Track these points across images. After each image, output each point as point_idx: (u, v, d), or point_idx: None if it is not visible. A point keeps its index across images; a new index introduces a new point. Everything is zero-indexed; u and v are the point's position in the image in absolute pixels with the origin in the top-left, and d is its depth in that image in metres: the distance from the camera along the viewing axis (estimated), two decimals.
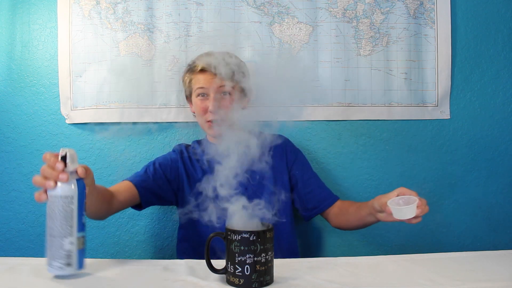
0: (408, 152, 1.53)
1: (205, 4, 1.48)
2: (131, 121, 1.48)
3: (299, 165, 1.34)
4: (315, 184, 1.33)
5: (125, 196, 1.17)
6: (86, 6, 1.47)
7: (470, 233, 1.54)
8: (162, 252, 1.50)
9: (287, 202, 1.31)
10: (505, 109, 1.54)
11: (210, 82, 1.25)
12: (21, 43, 1.50)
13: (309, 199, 1.31)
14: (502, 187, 1.54)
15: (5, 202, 1.49)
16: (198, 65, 1.27)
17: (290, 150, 1.35)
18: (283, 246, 1.25)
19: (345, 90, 1.50)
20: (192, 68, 1.29)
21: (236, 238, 0.78)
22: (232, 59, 1.29)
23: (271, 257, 0.81)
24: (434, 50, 1.51)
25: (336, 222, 1.29)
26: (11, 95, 1.50)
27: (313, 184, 1.32)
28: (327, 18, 1.49)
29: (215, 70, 1.24)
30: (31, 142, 1.49)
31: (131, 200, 1.20)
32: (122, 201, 1.15)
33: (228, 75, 1.25)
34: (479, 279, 0.83)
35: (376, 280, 0.84)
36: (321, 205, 1.30)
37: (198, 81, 1.27)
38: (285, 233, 1.27)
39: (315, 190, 1.31)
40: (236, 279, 0.78)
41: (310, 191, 1.31)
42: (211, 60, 1.25)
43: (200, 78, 1.27)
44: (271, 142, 1.32)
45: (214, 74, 1.24)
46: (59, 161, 0.81)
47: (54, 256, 0.81)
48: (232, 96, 1.27)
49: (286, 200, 1.30)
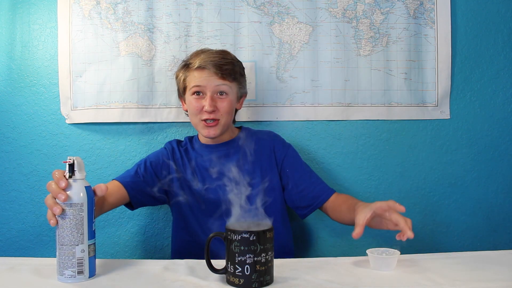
0: (408, 152, 1.53)
1: (205, 4, 1.48)
2: (131, 121, 1.48)
3: (289, 162, 1.30)
4: (307, 181, 1.28)
5: (115, 198, 1.16)
6: (86, 6, 1.47)
7: (470, 233, 1.54)
8: (162, 252, 1.50)
9: (278, 202, 1.28)
10: (505, 109, 1.54)
11: (207, 80, 1.22)
12: (21, 43, 1.50)
13: (302, 198, 1.28)
14: (502, 187, 1.54)
15: (5, 202, 1.49)
16: (195, 62, 1.23)
17: (279, 148, 1.31)
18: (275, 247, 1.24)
19: (345, 90, 1.50)
20: (188, 65, 1.26)
21: (236, 238, 0.78)
22: (230, 58, 1.27)
23: (271, 257, 0.81)
24: (434, 50, 1.51)
25: (333, 217, 1.26)
26: (11, 95, 1.50)
27: (304, 182, 1.28)
28: (327, 18, 1.49)
29: (213, 68, 1.21)
30: (31, 142, 1.49)
31: (121, 201, 1.19)
32: (112, 203, 1.15)
33: (226, 74, 1.22)
34: (479, 279, 0.83)
35: (376, 280, 0.84)
36: (314, 202, 1.27)
37: (194, 79, 1.23)
38: (276, 234, 1.26)
39: (308, 188, 1.27)
40: (236, 279, 0.78)
41: (302, 189, 1.27)
42: (209, 58, 1.22)
43: (196, 76, 1.23)
44: (258, 139, 1.31)
45: (212, 72, 1.21)
46: (63, 178, 0.81)
47: (65, 265, 0.81)
48: (229, 96, 1.24)
49: (276, 200, 1.27)
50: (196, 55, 1.26)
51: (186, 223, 1.27)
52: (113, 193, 1.15)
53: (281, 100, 1.50)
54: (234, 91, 1.27)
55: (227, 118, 1.25)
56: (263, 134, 1.35)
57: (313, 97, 1.50)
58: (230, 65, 1.24)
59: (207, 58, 1.22)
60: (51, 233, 1.49)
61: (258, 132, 1.37)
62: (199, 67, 1.22)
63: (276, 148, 1.31)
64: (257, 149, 1.28)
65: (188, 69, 1.26)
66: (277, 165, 1.30)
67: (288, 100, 1.50)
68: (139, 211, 1.49)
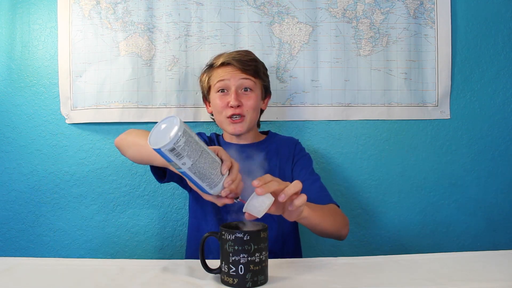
0: (408, 152, 1.53)
1: (205, 4, 1.48)
2: (131, 121, 1.48)
3: (298, 167, 1.28)
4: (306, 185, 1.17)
5: None
6: (86, 6, 1.47)
7: (470, 233, 1.54)
8: (162, 252, 1.50)
9: None
10: (505, 109, 1.54)
11: (231, 74, 1.21)
12: (21, 43, 1.50)
13: None
14: (502, 187, 1.54)
15: (5, 202, 1.49)
16: (218, 60, 1.23)
17: (297, 153, 1.30)
18: (289, 248, 1.23)
19: (345, 90, 1.50)
20: (212, 65, 1.26)
21: (230, 238, 0.78)
22: (253, 56, 1.27)
23: (265, 257, 0.81)
24: (434, 50, 1.51)
25: None
26: (11, 95, 1.50)
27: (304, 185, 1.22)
28: (327, 18, 1.49)
29: (237, 63, 1.20)
30: (31, 142, 1.49)
31: None
32: None
33: (250, 70, 1.22)
34: (479, 279, 0.83)
35: (376, 280, 0.84)
36: None
37: (218, 75, 1.22)
38: (292, 234, 1.25)
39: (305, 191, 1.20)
40: (230, 279, 0.78)
41: None
42: (232, 55, 1.22)
43: (220, 72, 1.22)
44: (280, 145, 1.30)
45: (236, 68, 1.20)
46: None
47: None
48: (254, 92, 1.23)
49: None
50: (218, 56, 1.26)
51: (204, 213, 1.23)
52: None
53: (281, 100, 1.50)
54: (259, 88, 1.25)
55: (252, 114, 1.23)
56: (286, 140, 1.33)
57: (313, 97, 1.50)
58: (253, 62, 1.24)
59: (230, 56, 1.23)
60: (51, 233, 1.49)
61: (282, 138, 1.35)
62: (223, 64, 1.22)
63: (295, 152, 1.29)
64: (277, 155, 1.27)
65: (211, 68, 1.26)
66: (292, 169, 1.28)
67: (288, 100, 1.50)
68: (139, 211, 1.49)
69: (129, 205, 1.50)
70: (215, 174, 0.80)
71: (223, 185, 0.81)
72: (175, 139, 0.71)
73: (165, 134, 0.73)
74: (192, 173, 0.77)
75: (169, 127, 0.74)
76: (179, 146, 0.72)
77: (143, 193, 1.50)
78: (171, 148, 0.72)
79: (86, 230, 1.49)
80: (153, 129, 0.76)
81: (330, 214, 1.09)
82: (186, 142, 0.73)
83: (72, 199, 1.49)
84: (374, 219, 1.53)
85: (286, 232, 1.22)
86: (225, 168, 0.81)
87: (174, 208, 1.50)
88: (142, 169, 1.49)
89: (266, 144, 1.29)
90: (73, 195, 1.49)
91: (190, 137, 0.74)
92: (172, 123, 0.73)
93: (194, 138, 0.75)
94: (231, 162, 0.83)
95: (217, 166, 0.80)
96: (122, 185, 1.50)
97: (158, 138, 0.73)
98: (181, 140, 0.72)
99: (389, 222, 1.53)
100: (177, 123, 0.72)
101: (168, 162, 0.76)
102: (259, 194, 0.79)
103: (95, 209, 1.49)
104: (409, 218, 1.53)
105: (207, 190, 0.82)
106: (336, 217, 1.10)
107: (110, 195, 1.49)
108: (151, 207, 1.49)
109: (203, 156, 0.77)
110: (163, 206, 1.50)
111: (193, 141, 0.74)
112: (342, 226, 1.10)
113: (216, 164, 0.80)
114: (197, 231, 1.24)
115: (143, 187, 1.50)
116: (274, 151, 1.27)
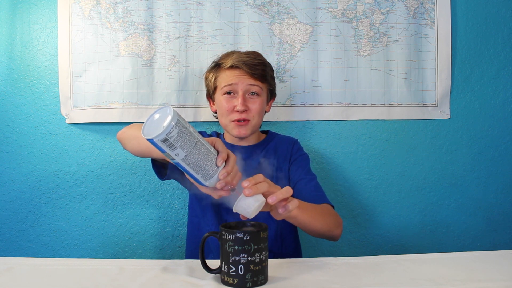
0: (408, 152, 1.53)
1: (205, 4, 1.48)
2: (131, 121, 1.48)
3: (295, 166, 1.27)
4: (302, 184, 1.20)
5: None
6: (86, 6, 1.47)
7: (470, 233, 1.54)
8: (162, 252, 1.50)
9: None
10: (505, 109, 1.54)
11: (239, 78, 1.20)
12: (21, 43, 1.50)
13: None
14: (502, 187, 1.54)
15: (5, 202, 1.49)
16: (227, 62, 1.21)
17: (294, 152, 1.30)
18: (288, 248, 1.23)
19: (345, 90, 1.50)
20: (219, 65, 1.24)
21: (230, 238, 0.78)
22: (262, 59, 1.25)
23: (265, 257, 0.81)
24: (434, 50, 1.51)
25: None
26: (11, 95, 1.50)
27: (299, 184, 1.21)
28: (327, 18, 1.49)
29: (246, 68, 1.19)
30: (31, 142, 1.49)
31: None
32: None
33: (258, 74, 1.21)
34: (479, 279, 0.83)
35: (376, 280, 0.84)
36: None
37: (226, 78, 1.21)
38: (291, 234, 1.25)
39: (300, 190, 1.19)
40: (230, 279, 0.78)
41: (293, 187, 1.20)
42: (241, 58, 1.21)
43: (229, 75, 1.21)
44: (279, 145, 1.30)
45: (244, 72, 1.19)
46: None
47: None
48: (260, 97, 1.23)
49: None
50: (227, 56, 1.25)
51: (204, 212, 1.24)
52: None
53: (281, 100, 1.50)
54: (265, 93, 1.25)
55: (257, 119, 1.23)
56: (284, 140, 1.33)
57: (313, 97, 1.50)
58: (262, 66, 1.23)
59: (239, 58, 1.21)
60: (51, 233, 1.49)
61: (281, 137, 1.35)
62: (231, 67, 1.21)
63: (292, 152, 1.30)
64: (275, 154, 1.27)
65: (219, 69, 1.24)
66: (289, 168, 1.28)
67: (288, 100, 1.50)
68: (139, 211, 1.49)
69: (129, 205, 1.50)
70: (210, 165, 0.78)
71: (218, 177, 0.80)
72: (167, 129, 0.70)
73: (158, 124, 0.71)
74: (186, 164, 0.76)
75: (162, 117, 0.72)
76: (172, 137, 0.71)
77: (143, 193, 1.50)
78: (164, 138, 0.70)
79: (86, 230, 1.49)
80: (147, 119, 0.75)
81: (322, 213, 1.08)
82: (179, 133, 0.71)
83: (72, 199, 1.49)
84: (374, 219, 1.53)
85: (284, 231, 1.22)
86: (220, 160, 0.79)
87: (174, 208, 1.50)
88: (142, 169, 1.50)
89: (265, 143, 1.30)
90: (73, 195, 1.49)
91: (183, 128, 0.72)
92: (166, 113, 0.72)
93: (188, 128, 0.74)
94: (228, 153, 0.82)
95: (213, 158, 0.79)
96: (122, 185, 1.50)
97: (151, 129, 0.72)
98: (174, 130, 0.70)
99: (389, 222, 1.53)
100: (171, 113, 0.71)
101: (162, 153, 0.75)
102: (246, 195, 0.79)
103: (95, 209, 1.49)
104: (409, 218, 1.53)
105: (203, 182, 0.80)
106: (327, 217, 1.09)
107: (110, 195, 1.50)
108: (151, 207, 1.49)
109: (198, 147, 0.75)
110: (163, 206, 1.50)
111: (187, 132, 0.73)
112: (334, 227, 1.09)
113: (211, 156, 0.78)
114: (197, 230, 1.25)
115: (143, 187, 1.50)
116: (272, 150, 1.28)
